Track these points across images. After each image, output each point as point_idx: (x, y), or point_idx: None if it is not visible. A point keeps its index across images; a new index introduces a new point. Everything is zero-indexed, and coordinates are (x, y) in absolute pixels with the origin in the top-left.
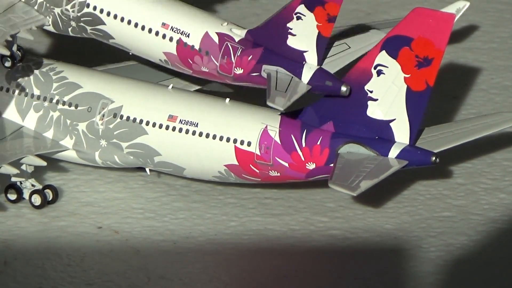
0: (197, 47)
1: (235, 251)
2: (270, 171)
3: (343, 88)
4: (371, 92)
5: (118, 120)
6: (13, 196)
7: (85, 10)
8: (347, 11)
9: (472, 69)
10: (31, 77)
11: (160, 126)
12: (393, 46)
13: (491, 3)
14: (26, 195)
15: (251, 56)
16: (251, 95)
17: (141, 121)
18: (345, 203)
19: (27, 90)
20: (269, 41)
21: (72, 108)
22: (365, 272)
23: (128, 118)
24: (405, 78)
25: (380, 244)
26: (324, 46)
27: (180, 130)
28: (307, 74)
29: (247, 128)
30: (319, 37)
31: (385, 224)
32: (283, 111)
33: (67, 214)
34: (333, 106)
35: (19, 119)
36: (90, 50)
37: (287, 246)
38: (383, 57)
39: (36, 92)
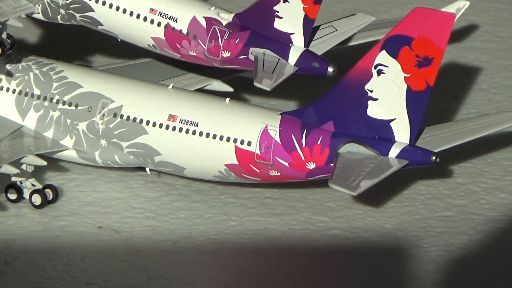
0: (184, 31)
1: (235, 251)
2: (270, 171)
3: (330, 69)
4: (371, 91)
5: (118, 119)
6: (13, 196)
7: None
8: (347, 11)
9: (472, 68)
10: (31, 76)
11: (160, 125)
12: (393, 45)
13: (491, 2)
14: (26, 194)
15: (238, 39)
16: (251, 95)
17: (141, 120)
18: (345, 202)
19: (27, 90)
20: (256, 24)
21: (72, 107)
22: (365, 272)
23: (128, 117)
24: (405, 77)
25: (380, 244)
26: (310, 28)
27: (180, 129)
28: (294, 56)
29: (247, 127)
30: (306, 19)
31: (385, 224)
32: (269, 90)
33: (67, 213)
34: (333, 106)
35: (19, 118)
36: (90, 49)
37: (287, 246)
38: (383, 57)
39: (36, 91)
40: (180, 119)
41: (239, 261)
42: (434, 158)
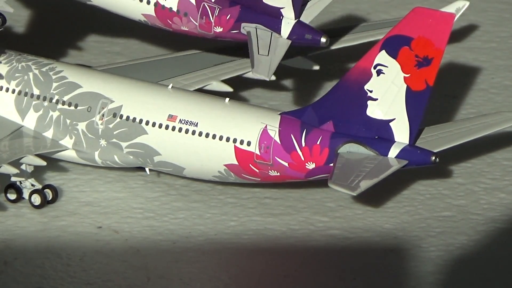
0: (175, 9)
1: (235, 251)
2: (269, 171)
3: (323, 40)
4: (370, 91)
5: (118, 119)
6: (13, 196)
7: None
8: (347, 11)
9: (472, 68)
10: (31, 76)
11: (160, 125)
12: (392, 45)
13: (490, 2)
14: (26, 194)
15: (229, 15)
16: (251, 95)
17: (140, 120)
18: (345, 203)
19: (26, 90)
20: None
21: (72, 107)
22: (364, 272)
23: (127, 117)
24: (405, 77)
25: (380, 244)
26: (299, 2)
27: (180, 129)
28: (286, 29)
29: (247, 127)
30: None
31: (384, 224)
32: (268, 80)
33: (67, 213)
34: (332, 106)
35: (19, 118)
36: (90, 49)
37: (287, 246)
38: (382, 57)
39: (36, 91)
40: (180, 119)
41: (239, 261)
42: (433, 158)
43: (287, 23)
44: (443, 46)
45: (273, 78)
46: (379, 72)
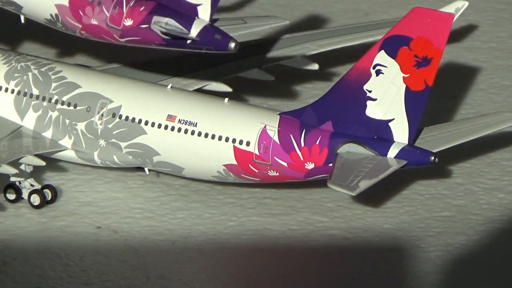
0: None
1: (234, 251)
2: (269, 171)
3: (232, 44)
4: (370, 91)
5: (117, 120)
6: (12, 196)
7: None
8: (346, 11)
9: (471, 68)
10: (30, 76)
11: (159, 126)
12: (392, 45)
13: (490, 2)
14: (25, 195)
15: (143, 7)
16: (250, 96)
17: (140, 121)
18: (344, 203)
19: (26, 90)
20: None
21: (71, 108)
22: (363, 272)
23: (127, 118)
24: (404, 77)
25: (379, 244)
26: (217, 2)
27: (179, 129)
28: (197, 27)
29: (246, 128)
30: None
31: (384, 224)
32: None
33: (66, 214)
34: (332, 106)
35: (18, 118)
36: (89, 50)
37: (286, 246)
38: (382, 57)
39: (35, 91)
40: (179, 119)
41: (238, 261)
42: (432, 158)
43: (200, 22)
44: (442, 46)
45: (272, 78)
46: (378, 72)
